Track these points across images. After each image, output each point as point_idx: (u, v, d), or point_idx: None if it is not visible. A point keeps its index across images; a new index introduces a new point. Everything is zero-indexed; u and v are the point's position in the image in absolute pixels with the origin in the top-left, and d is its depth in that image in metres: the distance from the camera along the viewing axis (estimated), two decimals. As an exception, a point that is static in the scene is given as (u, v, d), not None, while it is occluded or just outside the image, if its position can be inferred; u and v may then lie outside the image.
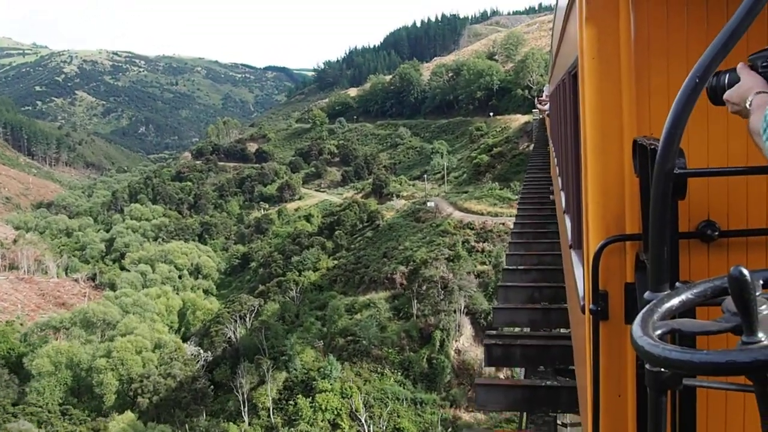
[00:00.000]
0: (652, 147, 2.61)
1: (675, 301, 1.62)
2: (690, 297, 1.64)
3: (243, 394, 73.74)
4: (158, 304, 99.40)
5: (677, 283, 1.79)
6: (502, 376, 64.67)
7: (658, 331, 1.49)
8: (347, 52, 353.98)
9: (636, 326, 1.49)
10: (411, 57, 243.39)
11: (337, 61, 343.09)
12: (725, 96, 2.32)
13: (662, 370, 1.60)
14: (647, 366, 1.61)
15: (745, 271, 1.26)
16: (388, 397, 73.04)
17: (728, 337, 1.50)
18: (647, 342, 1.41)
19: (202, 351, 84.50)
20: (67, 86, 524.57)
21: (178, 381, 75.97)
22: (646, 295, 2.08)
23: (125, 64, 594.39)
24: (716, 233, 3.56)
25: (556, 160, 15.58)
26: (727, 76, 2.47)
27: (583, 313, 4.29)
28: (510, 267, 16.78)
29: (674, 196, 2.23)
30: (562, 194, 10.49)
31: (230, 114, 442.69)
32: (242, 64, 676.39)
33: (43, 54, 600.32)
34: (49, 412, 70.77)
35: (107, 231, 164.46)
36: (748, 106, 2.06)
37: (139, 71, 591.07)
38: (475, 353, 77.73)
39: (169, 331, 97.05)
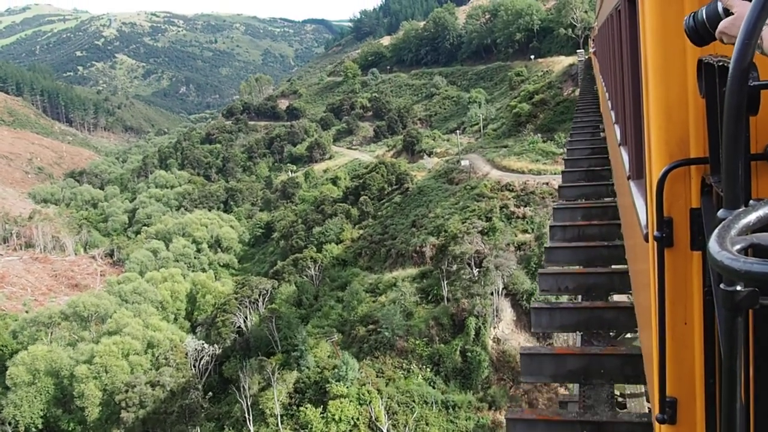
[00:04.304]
0: (721, 64, 2.56)
1: (752, 217, 1.56)
2: None
3: (247, 399, 62.86)
4: (162, 290, 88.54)
5: (751, 201, 1.71)
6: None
7: (737, 246, 1.44)
8: (384, 0, 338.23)
9: (713, 242, 1.44)
10: (447, 0, 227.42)
11: (374, 9, 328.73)
12: (722, 27, 2.24)
13: (737, 289, 1.53)
14: (722, 285, 1.55)
15: None
16: (414, 401, 61.35)
17: None
18: (726, 256, 1.35)
19: (206, 345, 73.44)
20: (107, 50, 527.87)
21: (168, 390, 65.10)
22: (720, 212, 2.00)
23: (164, 24, 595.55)
24: None
25: (607, 95, 15.10)
26: (704, 11, 2.46)
27: (647, 241, 4.26)
28: (557, 224, 15.65)
29: (747, 111, 2.12)
30: (616, 127, 10.04)
31: (270, 69, 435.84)
32: (281, 18, 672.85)
33: (83, 19, 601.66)
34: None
35: (132, 201, 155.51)
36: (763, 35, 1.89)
37: (178, 31, 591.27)
38: (518, 341, 65.89)
39: (173, 321, 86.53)
